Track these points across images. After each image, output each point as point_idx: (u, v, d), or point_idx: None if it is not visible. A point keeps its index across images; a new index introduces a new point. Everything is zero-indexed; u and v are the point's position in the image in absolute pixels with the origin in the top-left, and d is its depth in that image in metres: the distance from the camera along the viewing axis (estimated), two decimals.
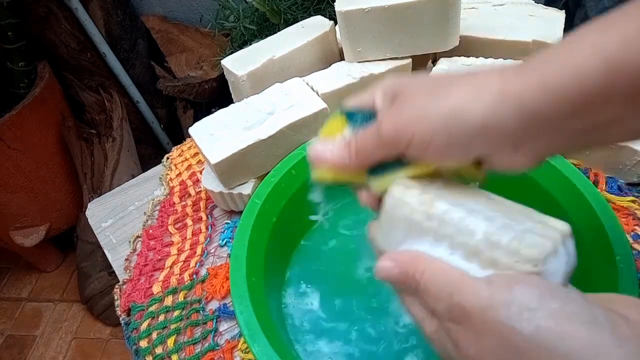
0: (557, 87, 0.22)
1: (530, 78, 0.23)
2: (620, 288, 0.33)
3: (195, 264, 0.50)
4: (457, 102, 0.25)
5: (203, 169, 0.57)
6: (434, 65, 0.57)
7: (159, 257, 0.52)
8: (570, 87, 0.22)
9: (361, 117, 0.30)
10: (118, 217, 0.58)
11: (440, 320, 0.24)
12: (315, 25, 0.61)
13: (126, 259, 0.53)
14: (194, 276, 0.49)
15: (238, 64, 0.58)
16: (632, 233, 0.46)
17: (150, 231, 0.55)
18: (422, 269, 0.25)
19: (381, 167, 0.29)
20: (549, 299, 0.21)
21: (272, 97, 0.53)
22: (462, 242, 0.25)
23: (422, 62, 0.61)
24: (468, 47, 0.57)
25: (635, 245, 0.45)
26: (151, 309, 0.47)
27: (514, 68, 0.24)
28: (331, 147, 0.30)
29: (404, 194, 0.27)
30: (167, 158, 0.64)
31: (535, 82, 0.23)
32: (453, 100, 0.25)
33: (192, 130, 0.52)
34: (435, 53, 0.61)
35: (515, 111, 0.23)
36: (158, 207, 0.58)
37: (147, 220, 0.56)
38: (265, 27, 0.99)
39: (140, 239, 0.55)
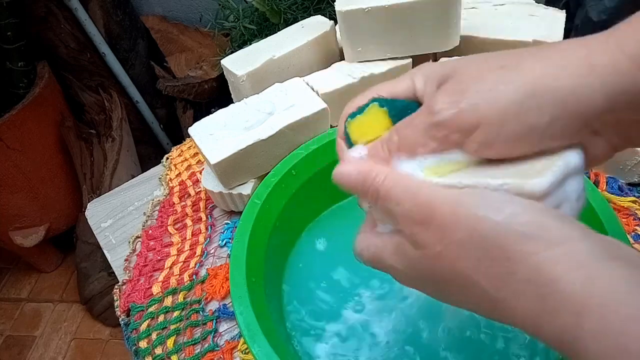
0: None
1: (624, 49, 0.20)
2: None
3: (195, 264, 0.50)
4: (536, 76, 0.21)
5: (203, 169, 0.56)
6: None
7: (159, 258, 0.52)
8: None
9: (401, 106, 0.24)
10: (117, 218, 0.58)
11: (402, 226, 0.23)
12: (315, 25, 0.61)
13: (126, 260, 0.53)
14: (194, 277, 0.49)
15: (238, 64, 0.57)
16: (632, 233, 0.46)
17: (150, 231, 0.55)
18: (383, 175, 0.24)
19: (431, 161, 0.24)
20: (519, 199, 0.21)
21: (272, 97, 0.53)
22: None
23: (422, 62, 0.61)
24: (468, 47, 0.57)
25: (636, 246, 0.45)
26: (151, 309, 0.47)
27: (598, 39, 0.21)
28: (361, 153, 0.25)
29: None
30: (167, 158, 0.64)
31: (630, 55, 0.20)
32: (530, 74, 0.21)
33: (191, 130, 0.52)
34: (436, 53, 0.61)
35: (605, 88, 0.20)
36: (158, 208, 0.58)
37: (146, 221, 0.56)
38: (265, 27, 0.99)
39: (139, 239, 0.54)
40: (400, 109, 0.24)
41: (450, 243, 0.21)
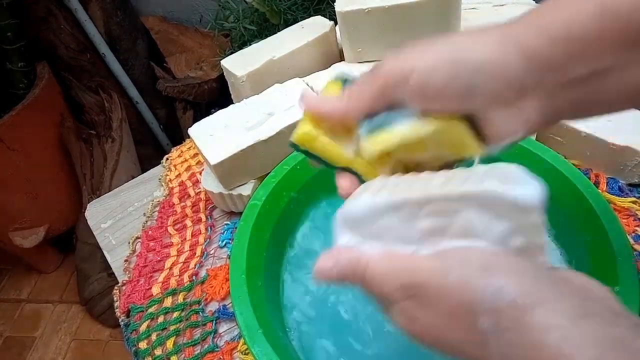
0: (552, 31, 0.24)
1: (528, 24, 0.25)
2: (621, 288, 0.33)
3: (195, 265, 0.50)
4: (459, 42, 0.26)
5: (203, 169, 0.56)
6: None
7: (159, 258, 0.52)
8: (565, 31, 0.23)
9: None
10: (117, 218, 0.58)
11: (391, 303, 0.24)
12: (315, 26, 0.61)
13: (125, 260, 0.53)
14: (194, 277, 0.49)
15: (238, 65, 0.58)
16: (633, 234, 0.46)
17: (150, 232, 0.55)
18: (365, 262, 0.25)
19: (376, 124, 0.27)
20: (503, 262, 0.22)
21: (272, 98, 0.53)
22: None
23: None
24: None
25: (636, 246, 0.45)
26: (150, 310, 0.47)
27: (510, 20, 0.26)
28: (326, 98, 0.29)
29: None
30: (167, 159, 0.64)
31: (534, 27, 0.24)
32: (454, 42, 0.26)
33: (191, 130, 0.52)
34: None
35: (517, 50, 0.24)
36: (157, 208, 0.58)
37: (146, 221, 0.56)
38: (265, 28, 0.98)
39: (139, 240, 0.54)
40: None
41: (440, 312, 0.22)
